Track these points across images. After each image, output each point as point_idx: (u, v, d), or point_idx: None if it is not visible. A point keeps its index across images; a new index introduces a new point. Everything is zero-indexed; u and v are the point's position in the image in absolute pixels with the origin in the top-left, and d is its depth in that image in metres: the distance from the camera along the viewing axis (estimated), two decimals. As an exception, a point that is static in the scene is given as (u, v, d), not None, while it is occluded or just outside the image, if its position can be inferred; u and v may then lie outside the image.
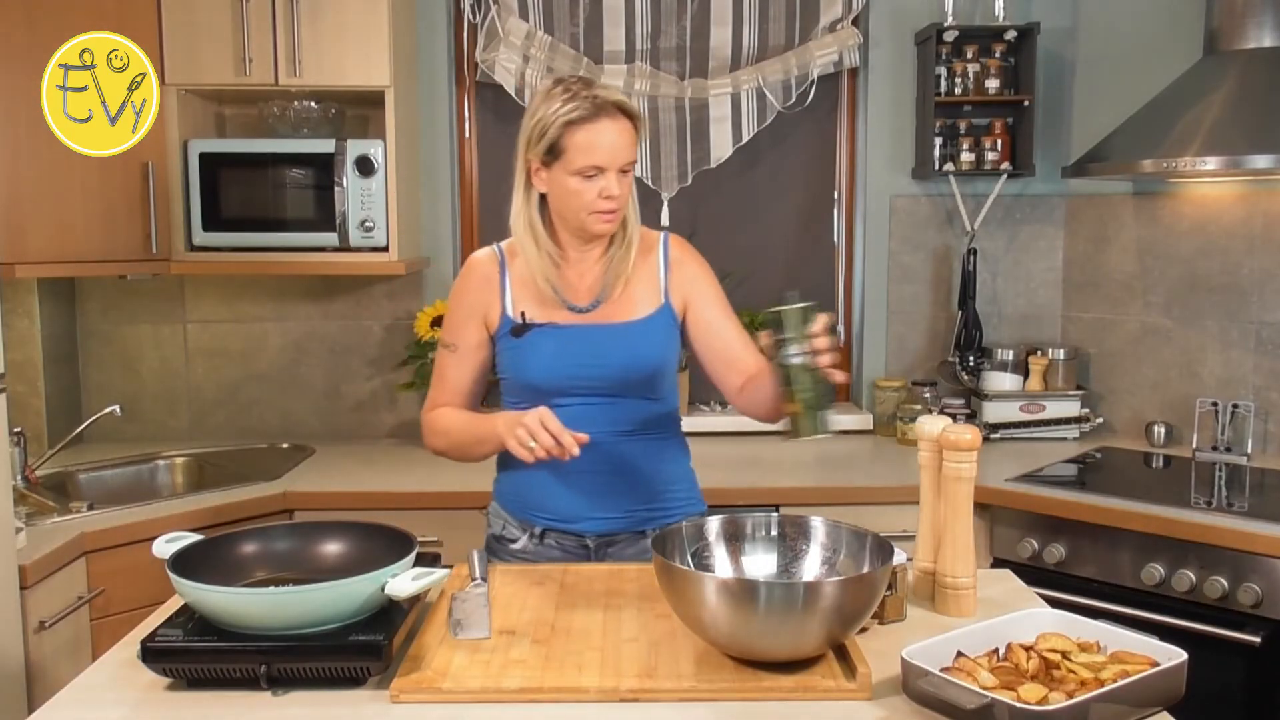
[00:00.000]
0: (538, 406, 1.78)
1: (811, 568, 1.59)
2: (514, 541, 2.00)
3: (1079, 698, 1.27)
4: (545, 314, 1.92)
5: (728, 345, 1.97)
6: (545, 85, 1.88)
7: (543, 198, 1.90)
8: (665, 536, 1.57)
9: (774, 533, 1.61)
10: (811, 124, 3.36)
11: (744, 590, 1.40)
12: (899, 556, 1.60)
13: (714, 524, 1.64)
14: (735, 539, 1.63)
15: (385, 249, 2.89)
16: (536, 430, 1.72)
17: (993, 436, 3.09)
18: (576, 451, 1.72)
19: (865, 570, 1.52)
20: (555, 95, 1.82)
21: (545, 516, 1.97)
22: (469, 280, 1.98)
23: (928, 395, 3.18)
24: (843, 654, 1.48)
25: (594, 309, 1.93)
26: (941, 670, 1.35)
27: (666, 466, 2.00)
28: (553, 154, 1.83)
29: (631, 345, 1.91)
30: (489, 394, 2.05)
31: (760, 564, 1.61)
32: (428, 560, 1.65)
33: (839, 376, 1.65)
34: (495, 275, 1.96)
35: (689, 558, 1.59)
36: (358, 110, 3.13)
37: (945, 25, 3.08)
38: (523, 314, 1.92)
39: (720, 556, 1.61)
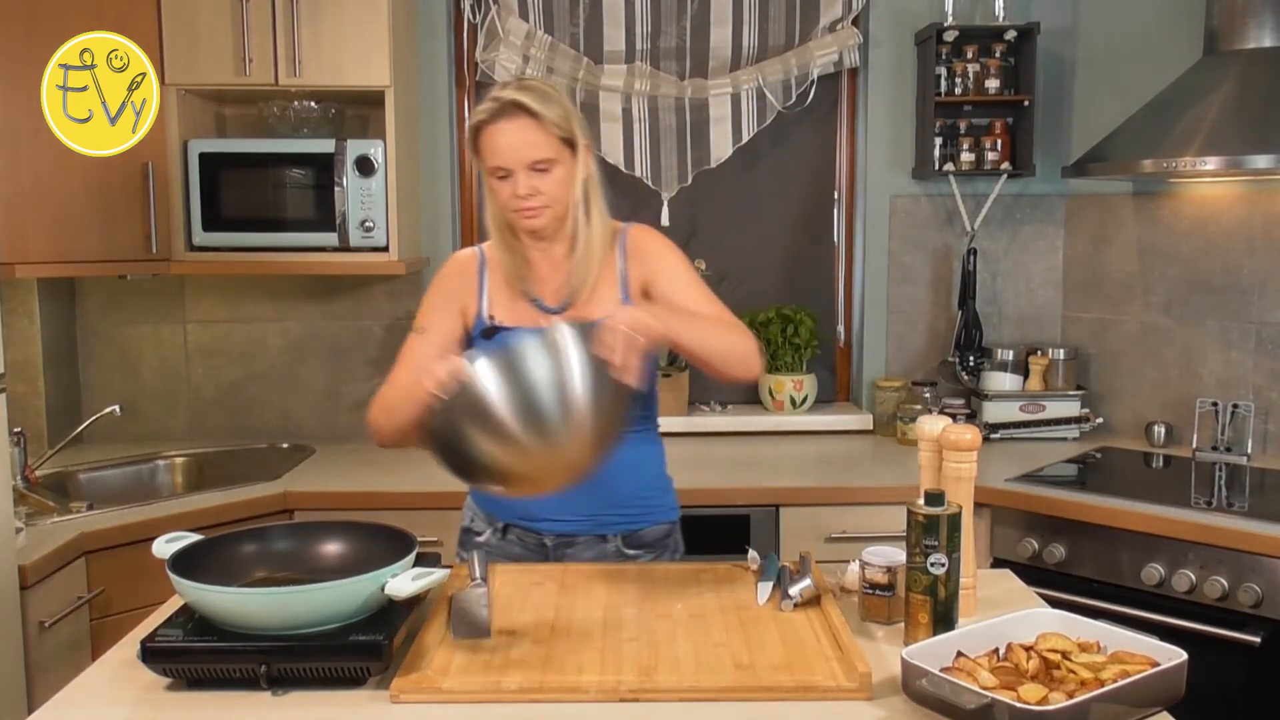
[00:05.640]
0: None
1: None
2: (480, 534, 2.02)
3: (1079, 698, 1.27)
4: (515, 317, 1.92)
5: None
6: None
7: None
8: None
9: None
10: (811, 124, 3.36)
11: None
12: (897, 556, 1.61)
13: None
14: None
15: (385, 249, 2.89)
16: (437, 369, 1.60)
17: (993, 436, 3.09)
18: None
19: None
20: (487, 94, 1.86)
21: (507, 513, 1.99)
22: (450, 270, 2.01)
23: (928, 395, 3.18)
24: (843, 654, 1.48)
25: (561, 311, 1.91)
26: (941, 670, 1.35)
27: (631, 472, 1.95)
28: (475, 155, 1.87)
29: None
30: None
31: None
32: (428, 560, 1.65)
33: None
34: (475, 272, 1.97)
35: None
36: (358, 110, 3.13)
37: (945, 25, 3.08)
38: (491, 317, 1.93)
39: None
